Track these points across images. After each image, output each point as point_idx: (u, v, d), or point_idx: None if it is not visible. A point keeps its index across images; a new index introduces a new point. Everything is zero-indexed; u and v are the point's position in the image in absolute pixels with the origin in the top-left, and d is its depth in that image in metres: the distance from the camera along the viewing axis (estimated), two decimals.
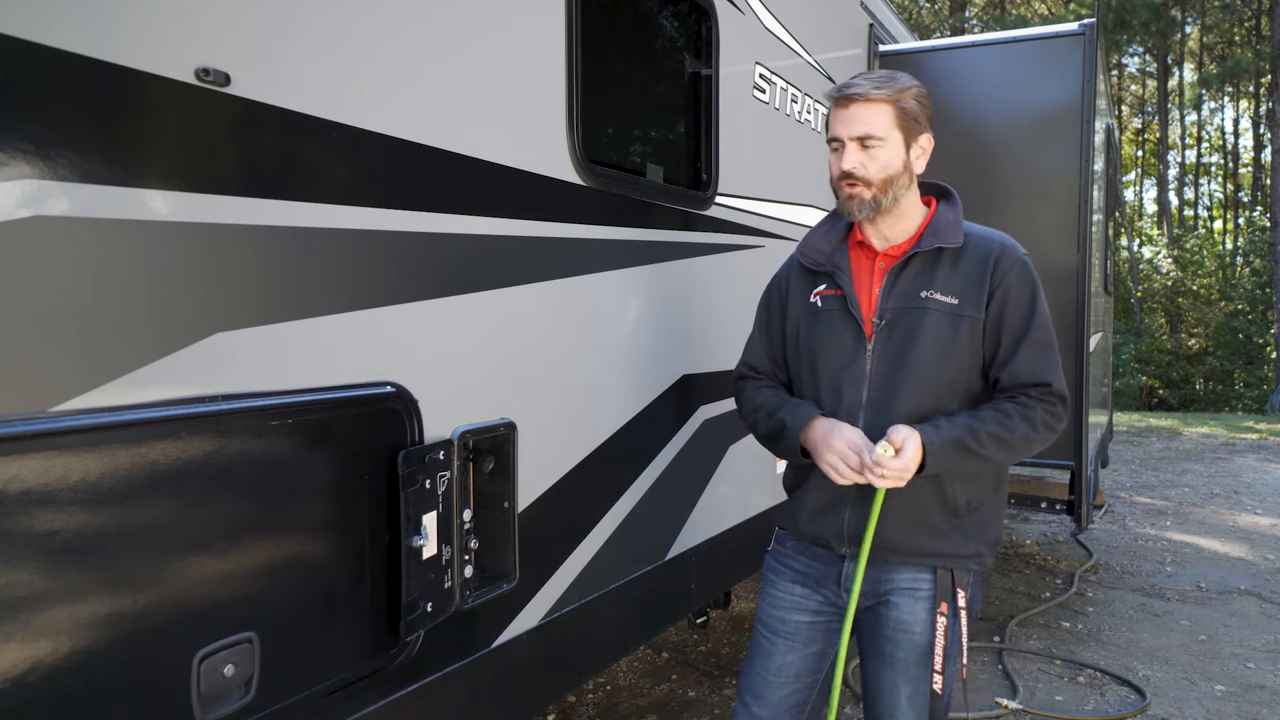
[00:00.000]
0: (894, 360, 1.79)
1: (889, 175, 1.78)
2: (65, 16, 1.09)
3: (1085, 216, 4.05)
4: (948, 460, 1.72)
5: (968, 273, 1.80)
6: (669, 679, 3.82)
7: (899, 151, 1.79)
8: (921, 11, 24.98)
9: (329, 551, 1.44)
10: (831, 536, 1.86)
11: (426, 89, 1.64)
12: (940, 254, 1.82)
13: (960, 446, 1.72)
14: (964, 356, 1.79)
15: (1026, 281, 1.81)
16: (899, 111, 1.78)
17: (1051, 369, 1.80)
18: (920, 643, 1.79)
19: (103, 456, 1.12)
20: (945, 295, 1.79)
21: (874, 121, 1.77)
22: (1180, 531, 6.39)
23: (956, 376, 1.80)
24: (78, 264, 1.11)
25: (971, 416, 1.76)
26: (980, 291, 1.78)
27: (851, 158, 1.78)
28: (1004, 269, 1.79)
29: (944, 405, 1.79)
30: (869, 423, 1.80)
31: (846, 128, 1.78)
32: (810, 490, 1.89)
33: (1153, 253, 24.94)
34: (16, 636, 1.04)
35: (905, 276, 1.82)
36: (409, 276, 1.62)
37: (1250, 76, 26.08)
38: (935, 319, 1.78)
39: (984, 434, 1.73)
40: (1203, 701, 3.57)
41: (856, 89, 1.77)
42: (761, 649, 1.95)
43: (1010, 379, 1.79)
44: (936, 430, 1.72)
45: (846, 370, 1.83)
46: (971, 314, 1.78)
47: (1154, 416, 15.36)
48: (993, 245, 1.82)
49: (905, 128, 1.79)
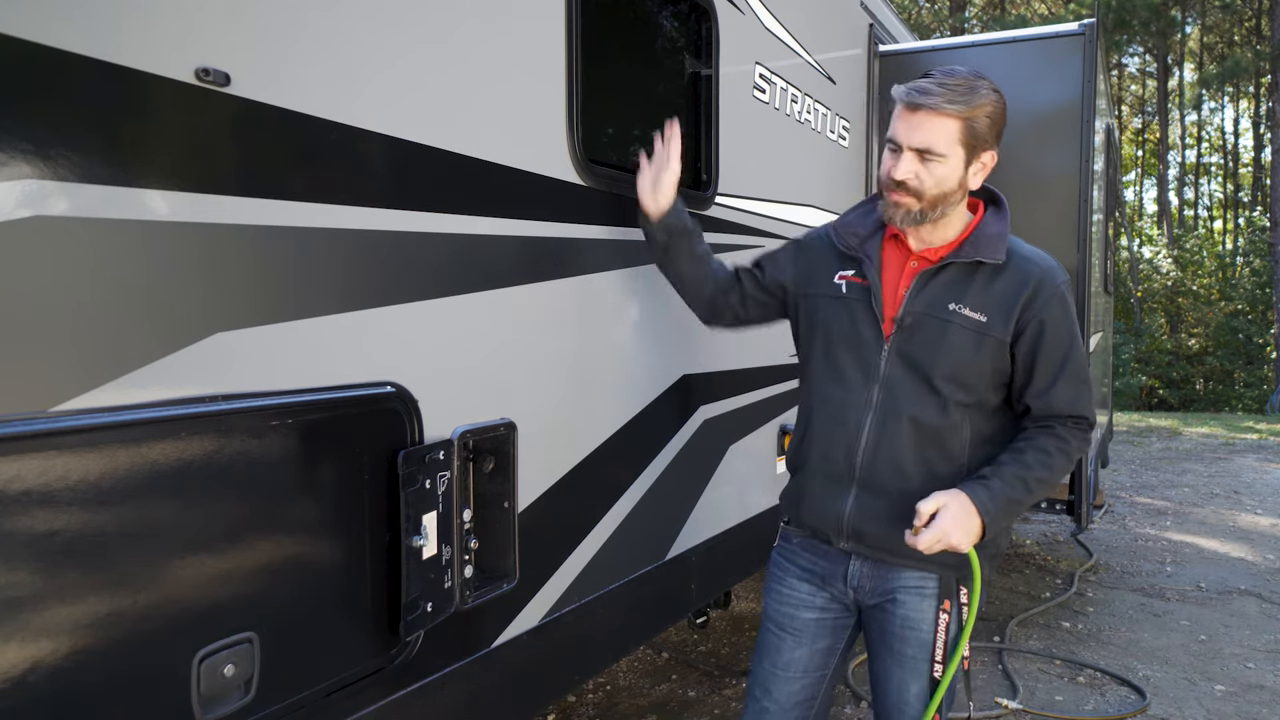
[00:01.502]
0: (910, 365, 1.77)
1: (942, 192, 1.71)
2: (65, 16, 1.08)
3: (1085, 216, 4.05)
4: (1005, 520, 1.71)
5: (1002, 294, 1.74)
6: (669, 679, 3.82)
7: (958, 169, 1.71)
8: (921, 11, 24.97)
9: (329, 551, 1.44)
10: (830, 530, 1.85)
11: (426, 89, 1.64)
12: (978, 267, 1.76)
13: (1014, 504, 1.71)
14: (983, 375, 1.76)
15: (1066, 314, 1.76)
16: (968, 129, 1.69)
17: (1086, 402, 1.79)
18: (928, 640, 1.80)
19: (103, 456, 1.12)
20: (974, 312, 1.74)
21: (938, 136, 1.68)
22: (1180, 531, 6.39)
23: (971, 392, 1.77)
24: (78, 264, 1.11)
25: (1019, 465, 1.73)
26: (1011, 315, 1.73)
27: (907, 167, 1.70)
28: (1043, 299, 1.73)
29: (953, 418, 1.77)
30: (878, 424, 1.78)
31: (908, 135, 1.70)
32: (813, 477, 1.87)
33: (1153, 253, 24.93)
34: (16, 636, 1.04)
35: (936, 283, 1.77)
36: (409, 276, 1.61)
37: (1250, 76, 26.09)
38: (959, 334, 1.74)
39: (1034, 481, 1.72)
40: (1203, 701, 3.57)
41: (930, 98, 1.66)
42: (770, 645, 1.95)
43: (1045, 410, 1.77)
44: (990, 494, 1.68)
45: (859, 365, 1.81)
46: (997, 335, 1.73)
47: (1154, 416, 15.36)
48: (1033, 270, 1.75)
49: (970, 145, 1.70)
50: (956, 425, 1.78)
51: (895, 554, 1.80)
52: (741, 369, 2.91)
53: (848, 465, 1.81)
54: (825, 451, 1.84)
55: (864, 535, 1.81)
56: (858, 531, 1.81)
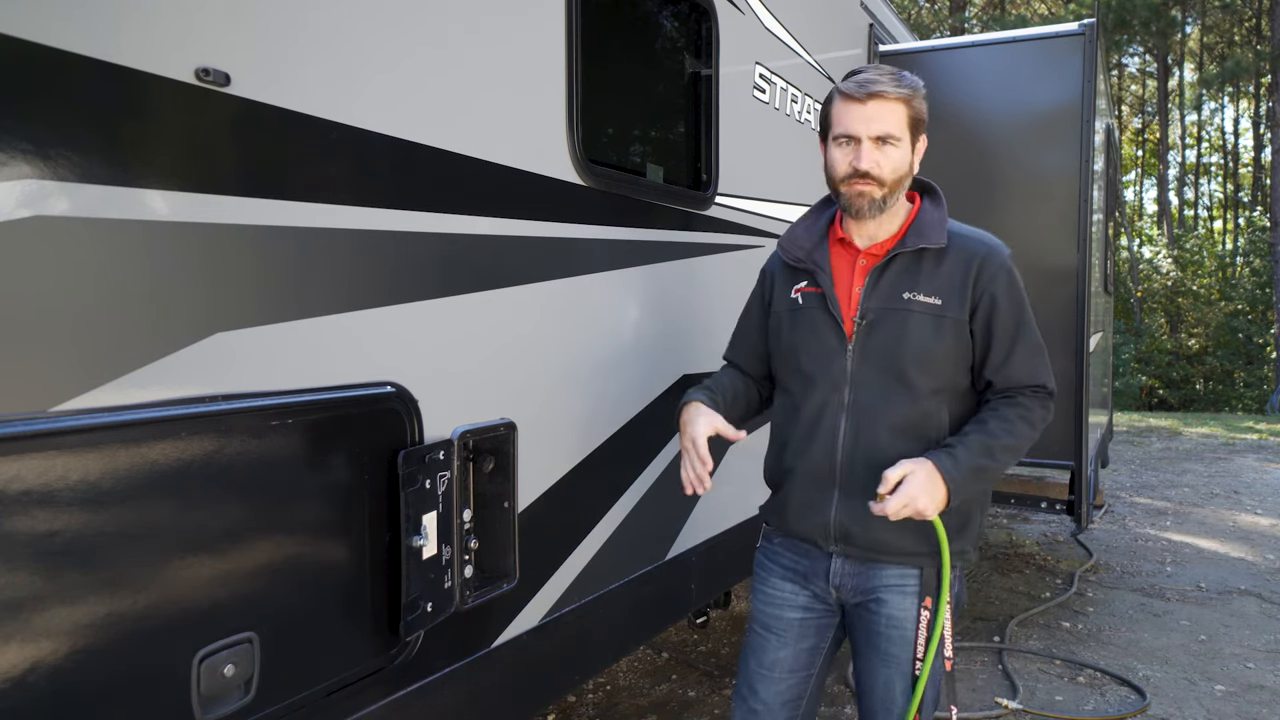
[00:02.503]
0: (876, 361, 1.79)
1: (898, 177, 1.78)
2: (65, 16, 1.09)
3: (1085, 216, 4.05)
4: (971, 486, 1.74)
5: (950, 274, 1.80)
6: (669, 679, 3.82)
7: (908, 152, 1.79)
8: (921, 11, 24.97)
9: (329, 551, 1.44)
10: (818, 535, 1.86)
11: (426, 89, 1.64)
12: (923, 254, 1.82)
13: (979, 470, 1.75)
14: (948, 357, 1.80)
15: (1013, 286, 1.82)
16: (911, 111, 1.77)
17: (1044, 370, 1.84)
18: (913, 638, 1.80)
19: (103, 456, 1.12)
20: (927, 296, 1.78)
21: (893, 122, 1.75)
22: (1180, 531, 6.39)
23: (941, 377, 1.80)
24: (78, 264, 1.11)
25: (982, 433, 1.77)
26: (963, 294, 1.78)
27: (870, 156, 1.75)
28: (989, 274, 1.79)
29: (926, 406, 1.79)
30: (852, 424, 1.80)
31: (865, 125, 1.75)
32: (795, 487, 1.89)
33: (1153, 253, 24.93)
34: (16, 636, 1.04)
35: (887, 276, 1.82)
36: (409, 276, 1.61)
37: (1250, 76, 26.08)
38: (918, 320, 1.78)
39: (998, 448, 1.76)
40: (1203, 701, 3.57)
41: (878, 85, 1.74)
42: (755, 645, 1.96)
43: (1005, 382, 1.82)
44: (955, 461, 1.72)
45: (827, 371, 1.83)
46: (954, 315, 1.78)
47: (1154, 416, 15.36)
48: (978, 248, 1.82)
49: (914, 128, 1.79)
50: (931, 413, 1.80)
51: (884, 552, 1.81)
52: None
53: (828, 469, 1.83)
54: (804, 460, 1.86)
55: (852, 536, 1.82)
56: (845, 534, 1.82)
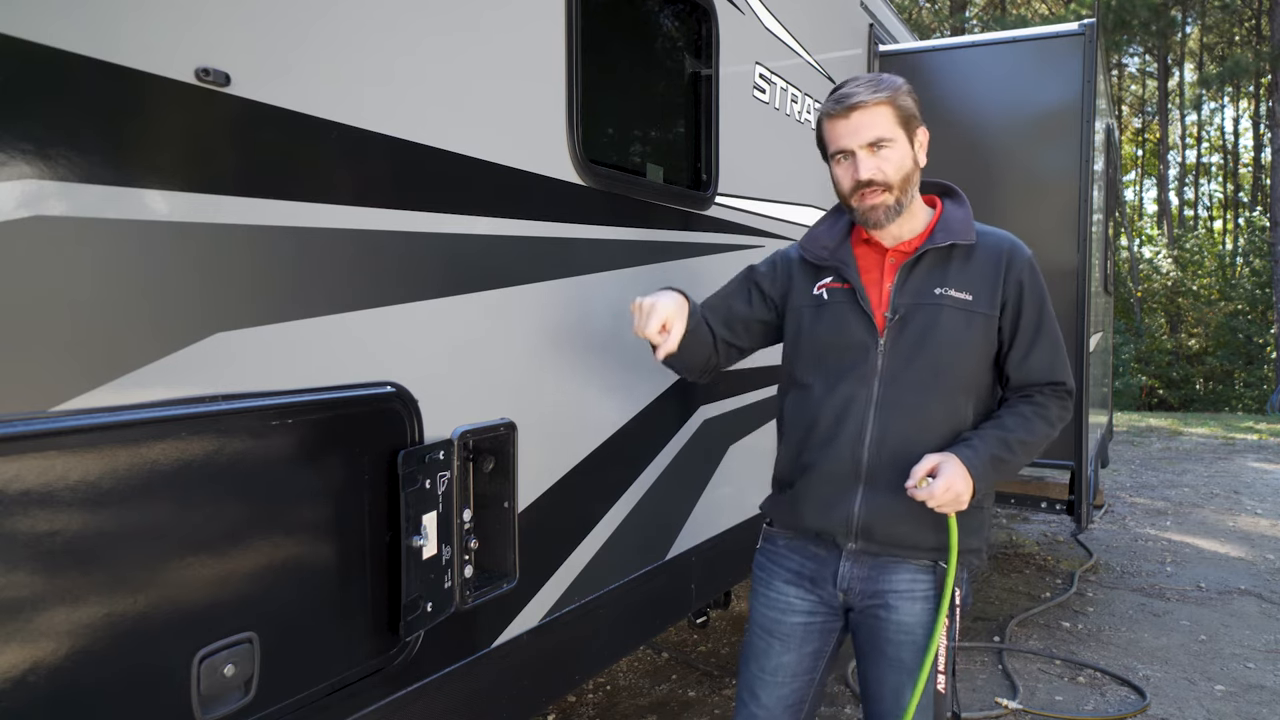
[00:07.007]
0: (906, 356, 1.79)
1: (905, 175, 1.79)
2: (65, 16, 1.09)
3: (1085, 216, 4.05)
4: (990, 478, 1.75)
5: (981, 270, 1.82)
6: (669, 679, 3.82)
7: (907, 149, 1.80)
8: (921, 11, 24.96)
9: (329, 551, 1.44)
10: (838, 531, 1.83)
11: (427, 89, 1.64)
12: (951, 251, 1.83)
13: (998, 461, 1.76)
14: (978, 353, 1.81)
15: (1036, 281, 1.85)
16: (898, 110, 1.78)
17: (1063, 367, 1.86)
18: (923, 643, 1.79)
19: (103, 456, 1.12)
20: (959, 291, 1.80)
21: (880, 124, 1.76)
22: (1180, 532, 6.39)
23: (969, 373, 1.81)
24: (78, 264, 1.11)
25: (998, 428, 1.79)
26: (994, 290, 1.81)
27: (868, 165, 1.76)
28: (1017, 269, 1.82)
29: (955, 402, 1.80)
30: (881, 419, 1.79)
31: (854, 137, 1.77)
32: (814, 482, 1.85)
33: (1153, 253, 24.94)
34: (16, 636, 1.04)
35: (918, 272, 1.82)
36: (409, 276, 1.61)
37: (1250, 76, 26.05)
38: (950, 315, 1.79)
39: (1015, 443, 1.78)
40: (1203, 701, 3.57)
41: (855, 97, 1.76)
42: (757, 650, 1.93)
43: (1024, 378, 1.84)
44: (974, 451, 1.74)
45: (855, 365, 1.82)
46: (985, 311, 1.80)
47: (1154, 416, 15.36)
48: (1003, 244, 1.85)
49: (906, 124, 1.80)
50: (958, 408, 1.80)
51: (902, 547, 1.80)
52: (741, 369, 2.90)
53: (853, 464, 1.80)
54: (827, 454, 1.83)
55: (874, 532, 1.80)
56: (868, 529, 1.80)
